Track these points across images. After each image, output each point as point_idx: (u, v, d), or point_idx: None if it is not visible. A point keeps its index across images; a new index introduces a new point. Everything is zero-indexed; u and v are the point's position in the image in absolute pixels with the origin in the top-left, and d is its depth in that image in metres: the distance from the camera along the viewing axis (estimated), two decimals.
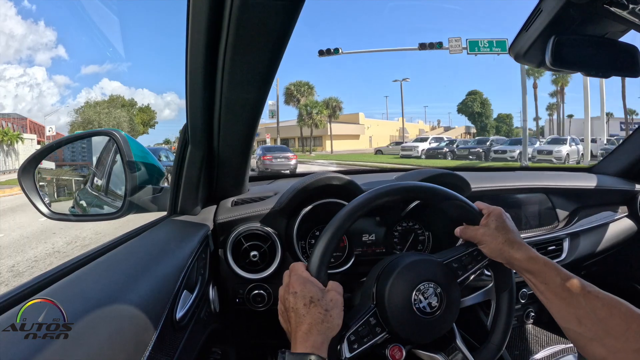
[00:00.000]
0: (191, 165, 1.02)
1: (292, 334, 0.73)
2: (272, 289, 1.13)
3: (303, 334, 0.71)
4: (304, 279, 0.77)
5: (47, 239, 6.31)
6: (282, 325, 0.79)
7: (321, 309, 0.74)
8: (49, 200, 1.15)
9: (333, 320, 0.75)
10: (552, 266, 0.80)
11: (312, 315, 0.73)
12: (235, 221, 1.15)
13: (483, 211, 0.91)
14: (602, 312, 0.72)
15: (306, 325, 0.72)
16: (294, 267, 0.81)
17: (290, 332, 0.75)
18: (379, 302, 0.83)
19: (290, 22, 0.63)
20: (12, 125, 27.93)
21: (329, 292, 0.78)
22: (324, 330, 0.73)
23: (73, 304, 0.59)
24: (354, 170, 2.40)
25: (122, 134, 1.14)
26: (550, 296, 0.79)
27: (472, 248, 0.91)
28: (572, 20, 0.83)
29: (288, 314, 0.75)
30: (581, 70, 0.90)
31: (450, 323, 0.85)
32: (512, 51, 0.90)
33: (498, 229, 0.85)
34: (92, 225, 6.62)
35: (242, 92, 0.81)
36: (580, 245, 1.52)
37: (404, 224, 1.29)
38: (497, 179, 1.55)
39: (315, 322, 0.72)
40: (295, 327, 0.72)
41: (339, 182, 1.16)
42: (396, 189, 0.88)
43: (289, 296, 0.75)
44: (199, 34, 0.67)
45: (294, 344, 0.71)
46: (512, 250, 0.83)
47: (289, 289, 0.76)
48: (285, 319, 0.76)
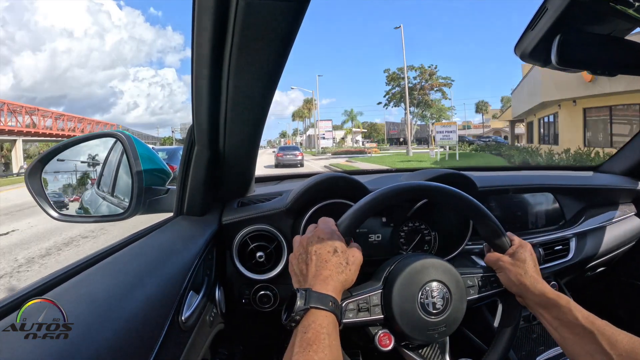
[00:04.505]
0: (197, 166, 1.03)
1: (310, 276, 0.75)
2: (279, 290, 1.13)
3: (324, 278, 0.73)
4: (332, 230, 0.80)
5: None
6: (293, 267, 0.80)
7: (343, 260, 0.76)
8: (56, 202, 1.16)
9: (351, 274, 0.77)
10: (567, 302, 0.80)
11: (334, 263, 0.75)
12: (242, 222, 1.15)
13: (513, 242, 0.92)
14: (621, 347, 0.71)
15: (328, 271, 0.74)
16: (324, 220, 0.84)
17: (304, 274, 0.76)
18: (387, 287, 0.84)
19: (296, 23, 0.63)
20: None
21: (352, 248, 0.81)
22: (342, 281, 0.75)
23: (80, 305, 0.59)
24: (359, 170, 2.39)
25: (128, 136, 1.14)
26: (564, 332, 0.79)
27: (491, 273, 0.92)
28: (577, 18, 0.82)
29: (309, 257, 0.77)
30: (587, 69, 0.89)
31: (445, 334, 0.86)
32: (518, 50, 0.90)
33: (522, 261, 0.87)
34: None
35: (247, 93, 0.81)
36: (587, 244, 1.51)
37: (410, 224, 1.29)
38: (503, 179, 1.54)
39: (336, 270, 0.75)
40: (314, 271, 0.75)
41: (345, 182, 1.16)
42: (445, 192, 0.90)
43: (314, 239, 0.78)
44: (205, 35, 0.68)
45: (312, 285, 0.72)
46: (529, 284, 0.84)
47: (315, 234, 0.79)
48: (302, 260, 0.78)
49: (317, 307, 0.69)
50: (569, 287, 1.55)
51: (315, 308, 0.69)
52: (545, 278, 1.44)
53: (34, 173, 1.11)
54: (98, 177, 1.42)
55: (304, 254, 0.78)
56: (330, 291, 0.72)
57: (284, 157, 24.53)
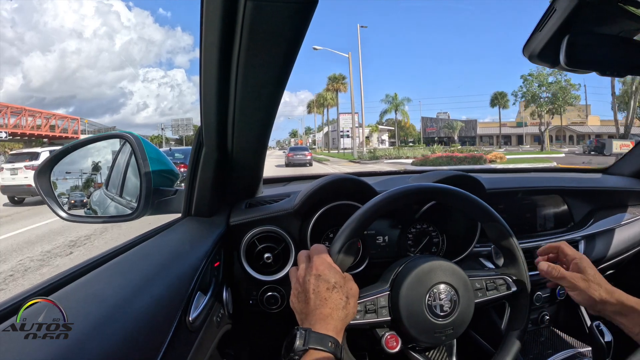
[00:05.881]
0: (205, 168, 1.03)
1: (310, 315, 0.73)
2: (286, 291, 1.13)
3: (324, 317, 0.72)
4: (327, 263, 0.78)
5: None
6: (294, 305, 0.79)
7: (343, 295, 0.75)
8: (65, 202, 1.17)
9: (351, 307, 0.76)
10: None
11: (334, 300, 0.74)
12: (249, 223, 1.15)
13: (569, 256, 0.91)
14: None
15: (327, 309, 0.73)
16: (317, 249, 0.81)
17: (304, 312, 0.75)
18: (394, 288, 0.84)
19: (304, 24, 0.63)
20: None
21: (349, 280, 0.79)
22: (343, 317, 0.74)
23: (88, 304, 0.60)
24: (366, 172, 2.40)
25: (136, 137, 1.15)
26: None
27: (499, 275, 0.91)
28: (586, 19, 0.82)
29: (307, 295, 0.75)
30: (596, 70, 0.89)
31: (452, 337, 0.86)
32: (526, 51, 0.89)
33: (595, 279, 0.86)
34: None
35: (255, 95, 0.82)
36: (596, 247, 1.50)
37: (418, 226, 1.29)
38: (511, 181, 1.54)
39: (337, 308, 0.73)
40: (314, 309, 0.73)
41: (352, 184, 1.16)
42: (453, 194, 0.90)
43: (311, 278, 0.76)
44: (213, 37, 0.68)
45: (312, 324, 0.71)
46: (609, 297, 0.83)
47: (311, 270, 0.77)
48: (302, 299, 0.76)
49: (316, 349, 0.68)
50: None
51: (315, 349, 0.68)
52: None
53: (43, 173, 1.12)
54: (106, 178, 1.44)
55: (302, 293, 0.76)
56: (330, 330, 0.71)
57: (294, 157, 26.12)
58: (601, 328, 1.43)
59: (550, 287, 1.38)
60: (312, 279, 0.76)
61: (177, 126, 62.65)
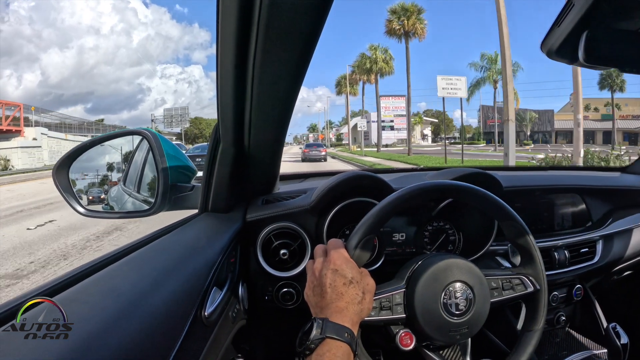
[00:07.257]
0: (222, 164, 1.04)
1: (325, 308, 0.74)
2: (302, 287, 1.13)
3: (340, 310, 0.72)
4: (345, 257, 0.78)
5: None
6: (309, 298, 0.79)
7: (359, 290, 0.75)
8: (83, 198, 1.19)
9: (367, 303, 0.76)
10: None
11: (350, 294, 0.74)
12: (266, 219, 1.16)
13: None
14: None
15: (343, 302, 0.73)
16: (334, 244, 0.82)
17: (319, 306, 0.76)
18: (410, 286, 0.84)
19: (320, 20, 0.63)
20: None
21: (366, 276, 0.79)
22: (358, 312, 0.74)
23: (104, 299, 0.61)
24: (383, 169, 2.39)
25: (154, 133, 1.16)
26: None
27: (515, 275, 0.91)
28: (604, 14, 0.80)
29: (323, 289, 0.75)
30: (616, 66, 0.87)
31: (467, 336, 0.85)
32: (544, 47, 0.88)
33: None
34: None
35: (272, 91, 0.82)
36: (614, 247, 1.47)
37: (434, 224, 1.28)
38: (529, 179, 1.52)
39: (353, 302, 0.74)
40: (330, 302, 0.74)
41: (369, 181, 1.16)
42: (470, 192, 0.89)
43: (328, 272, 0.76)
44: (229, 33, 0.68)
45: (328, 317, 0.72)
46: None
47: (328, 264, 0.77)
48: (317, 293, 0.77)
49: (332, 338, 0.69)
50: (594, 290, 1.52)
51: (331, 338, 0.69)
52: (570, 281, 1.42)
53: (62, 169, 1.14)
54: (124, 174, 1.45)
55: (318, 286, 0.77)
56: (346, 322, 0.71)
57: (310, 153, 27.65)
58: (617, 330, 1.41)
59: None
60: (329, 273, 0.76)
61: (171, 117, 55.66)
